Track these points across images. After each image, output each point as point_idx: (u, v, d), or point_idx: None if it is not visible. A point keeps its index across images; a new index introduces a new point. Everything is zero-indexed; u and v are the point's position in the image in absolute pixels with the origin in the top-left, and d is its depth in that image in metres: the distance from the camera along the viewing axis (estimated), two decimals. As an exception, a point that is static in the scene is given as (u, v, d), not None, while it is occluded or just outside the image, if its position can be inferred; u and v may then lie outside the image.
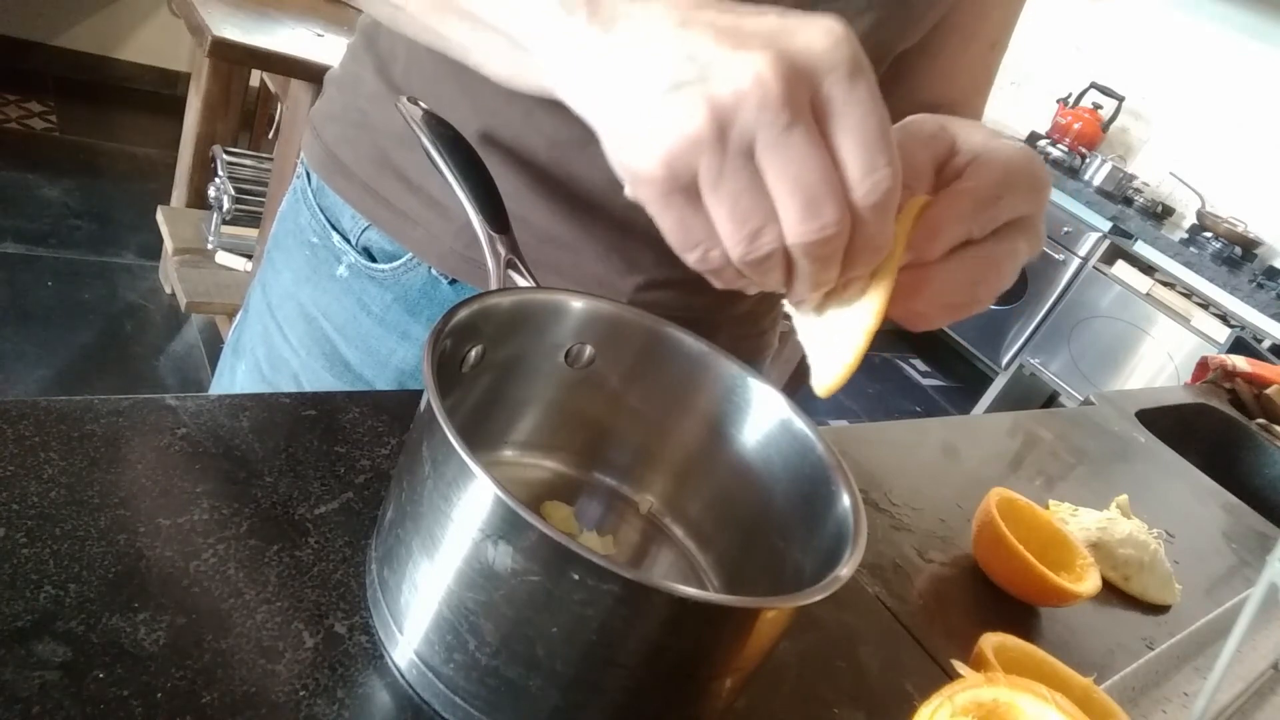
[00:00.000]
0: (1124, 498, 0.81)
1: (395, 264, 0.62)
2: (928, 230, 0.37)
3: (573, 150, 0.55)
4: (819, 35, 0.30)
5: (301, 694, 0.34)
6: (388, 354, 0.63)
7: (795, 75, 0.29)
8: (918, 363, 3.72)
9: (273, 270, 0.69)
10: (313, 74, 1.58)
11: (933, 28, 0.61)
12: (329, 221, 0.64)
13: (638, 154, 0.32)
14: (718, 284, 0.36)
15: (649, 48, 0.31)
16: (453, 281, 0.61)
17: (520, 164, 0.57)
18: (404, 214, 0.60)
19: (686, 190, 0.32)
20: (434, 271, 0.61)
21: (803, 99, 0.30)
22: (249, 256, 2.11)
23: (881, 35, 0.55)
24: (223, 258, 2.11)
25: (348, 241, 0.63)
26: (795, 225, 0.31)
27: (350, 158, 0.62)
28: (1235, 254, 2.98)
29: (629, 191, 0.33)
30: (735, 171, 0.31)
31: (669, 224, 0.33)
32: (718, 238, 0.33)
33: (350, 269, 0.63)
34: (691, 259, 0.34)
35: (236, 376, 0.71)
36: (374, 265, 0.62)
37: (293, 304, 0.66)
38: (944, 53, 0.63)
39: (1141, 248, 3.05)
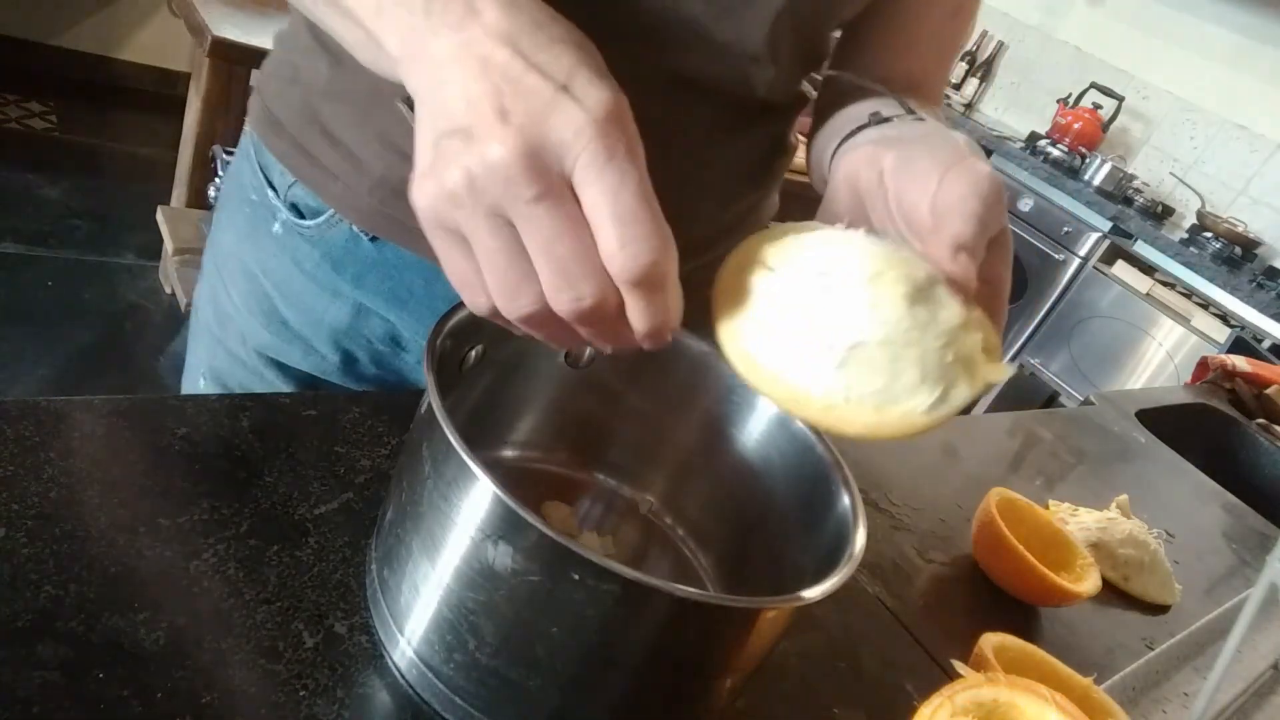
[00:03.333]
0: (1124, 498, 0.81)
1: (319, 220, 0.61)
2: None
3: None
4: (572, 118, 0.31)
5: (301, 694, 0.34)
6: (321, 312, 0.62)
7: (538, 158, 0.31)
8: (918, 363, 3.71)
9: (218, 229, 0.68)
10: (313, 74, 1.57)
11: None
12: (266, 179, 0.63)
13: (413, 185, 0.33)
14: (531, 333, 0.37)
15: (450, 76, 0.32)
16: (374, 239, 0.60)
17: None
18: (325, 169, 0.59)
19: (455, 232, 0.33)
20: (355, 228, 0.60)
21: (548, 177, 0.31)
22: (249, 256, 2.10)
23: (812, 5, 0.54)
24: (223, 258, 2.10)
25: (279, 198, 0.62)
26: (552, 294, 0.32)
27: (282, 113, 0.62)
28: (1235, 254, 2.98)
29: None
30: (490, 232, 0.32)
31: (441, 259, 0.34)
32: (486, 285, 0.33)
33: (283, 226, 0.62)
34: (465, 298, 0.35)
35: (199, 344, 0.71)
36: (301, 222, 0.61)
37: (235, 261, 0.65)
38: (905, 21, 0.62)
39: (1141, 248, 3.04)
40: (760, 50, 0.54)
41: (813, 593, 0.34)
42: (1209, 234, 3.04)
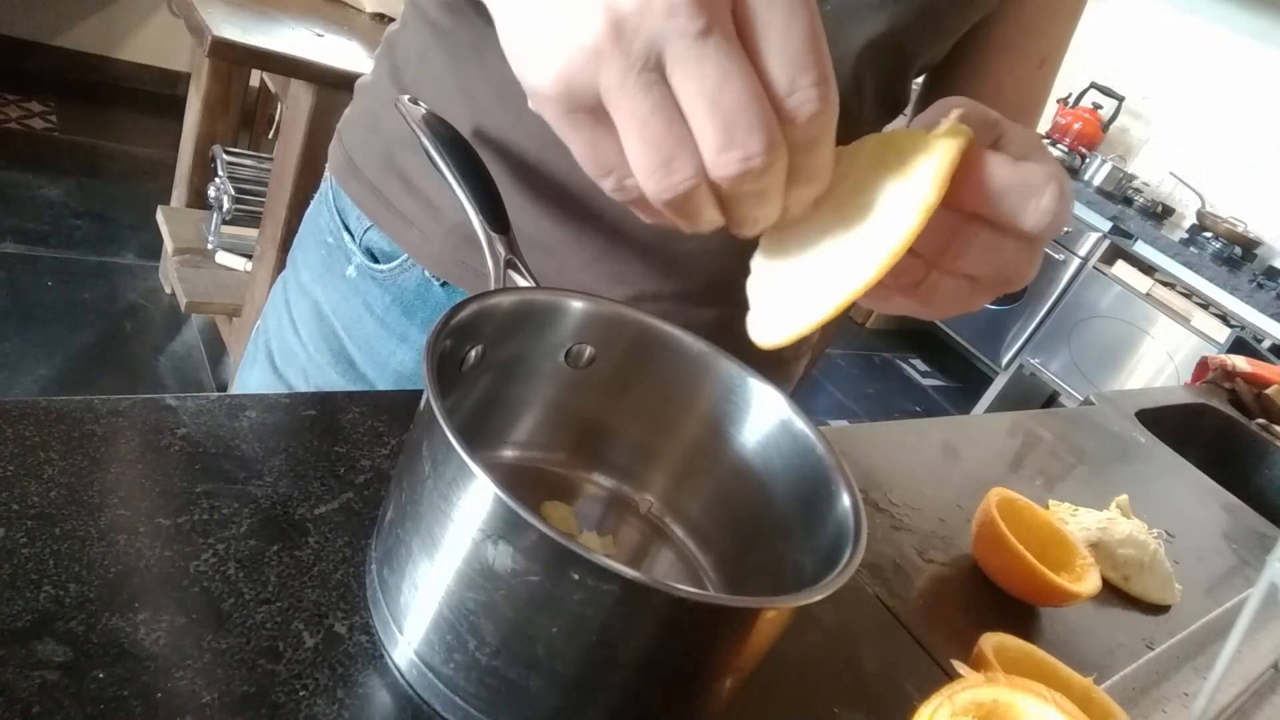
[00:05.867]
0: (1124, 498, 0.81)
1: (392, 265, 0.62)
2: (990, 182, 0.32)
3: (561, 151, 0.55)
4: None
5: (301, 694, 0.34)
6: (387, 355, 0.64)
7: None
8: (918, 363, 3.72)
9: (293, 268, 0.71)
10: (313, 74, 1.58)
11: (976, 44, 0.59)
12: (343, 223, 0.65)
13: (532, 67, 0.28)
14: (646, 219, 0.32)
15: None
16: (444, 284, 0.62)
17: (509, 164, 0.57)
18: (402, 214, 0.61)
19: (592, 109, 0.27)
20: (427, 274, 0.61)
21: (719, 4, 0.26)
22: (249, 256, 2.10)
23: (900, 37, 0.53)
24: (223, 258, 2.11)
25: (355, 242, 0.64)
26: (714, 155, 0.27)
27: (362, 160, 0.64)
28: (1235, 254, 2.99)
29: (531, 105, 0.29)
30: (642, 89, 0.26)
31: (576, 147, 0.29)
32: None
33: (358, 269, 0.64)
34: (606, 186, 0.30)
35: (254, 371, 0.72)
36: (376, 266, 0.63)
37: (307, 301, 0.67)
38: (989, 70, 0.60)
39: (1141, 248, 3.05)
40: (845, 88, 0.53)
41: (813, 593, 0.34)
42: (1209, 234, 3.04)
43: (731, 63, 0.26)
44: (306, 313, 0.67)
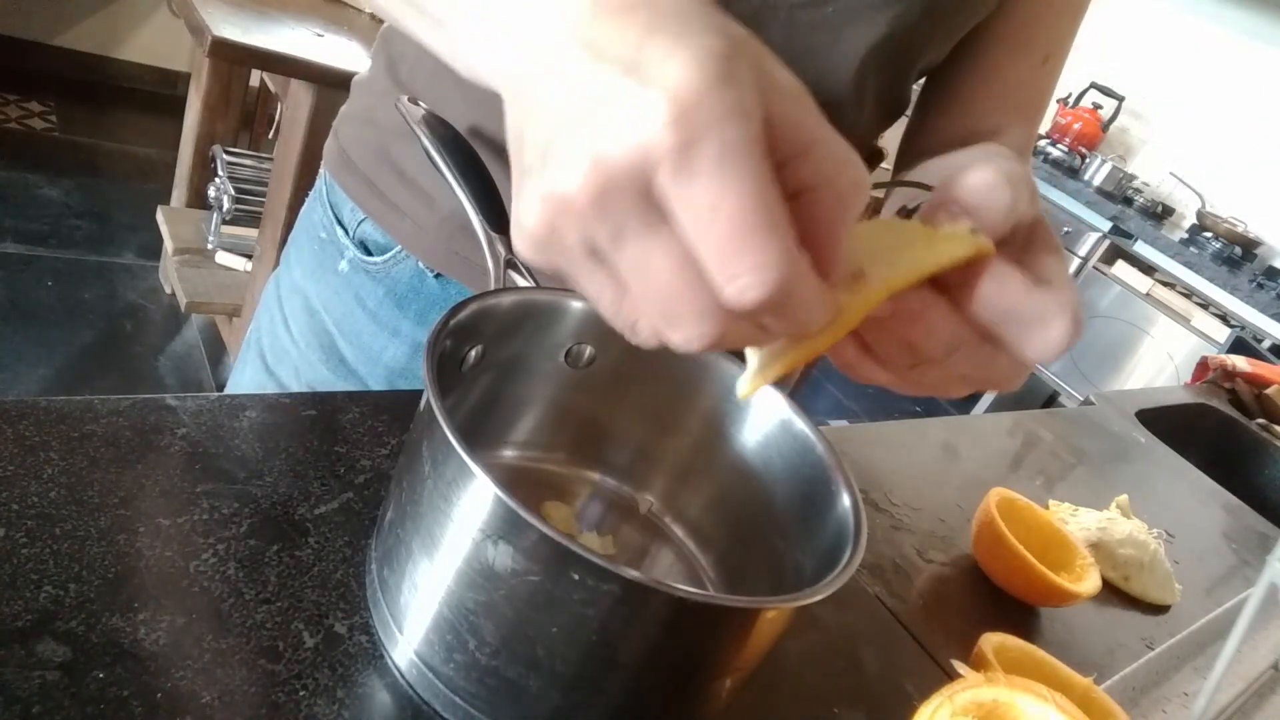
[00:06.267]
0: (1124, 498, 0.81)
1: (386, 257, 0.63)
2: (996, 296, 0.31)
3: None
4: (640, 117, 0.24)
5: (301, 694, 0.34)
6: (379, 350, 0.64)
7: (609, 184, 0.24)
8: (918, 363, 3.70)
9: (286, 265, 0.71)
10: (313, 74, 1.58)
11: (978, 42, 0.58)
12: (335, 217, 0.66)
13: (512, 233, 0.29)
14: None
15: (517, 90, 0.27)
16: (438, 276, 0.62)
17: (504, 158, 0.57)
18: (395, 206, 0.62)
19: (562, 274, 0.29)
20: (421, 265, 0.61)
21: (625, 205, 0.25)
22: (249, 256, 2.10)
23: (903, 40, 0.52)
24: (223, 258, 2.11)
25: (348, 235, 0.64)
26: (662, 332, 0.27)
27: (356, 153, 0.64)
28: (1235, 254, 2.98)
29: None
30: (585, 273, 0.27)
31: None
32: None
33: (350, 264, 0.64)
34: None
35: (246, 370, 0.72)
36: (369, 259, 0.63)
37: (299, 298, 0.67)
38: (991, 68, 0.59)
39: (1141, 248, 3.05)
40: (847, 94, 0.52)
41: (813, 593, 0.34)
42: (1209, 234, 3.04)
43: (652, 259, 0.25)
44: (298, 309, 0.67)
